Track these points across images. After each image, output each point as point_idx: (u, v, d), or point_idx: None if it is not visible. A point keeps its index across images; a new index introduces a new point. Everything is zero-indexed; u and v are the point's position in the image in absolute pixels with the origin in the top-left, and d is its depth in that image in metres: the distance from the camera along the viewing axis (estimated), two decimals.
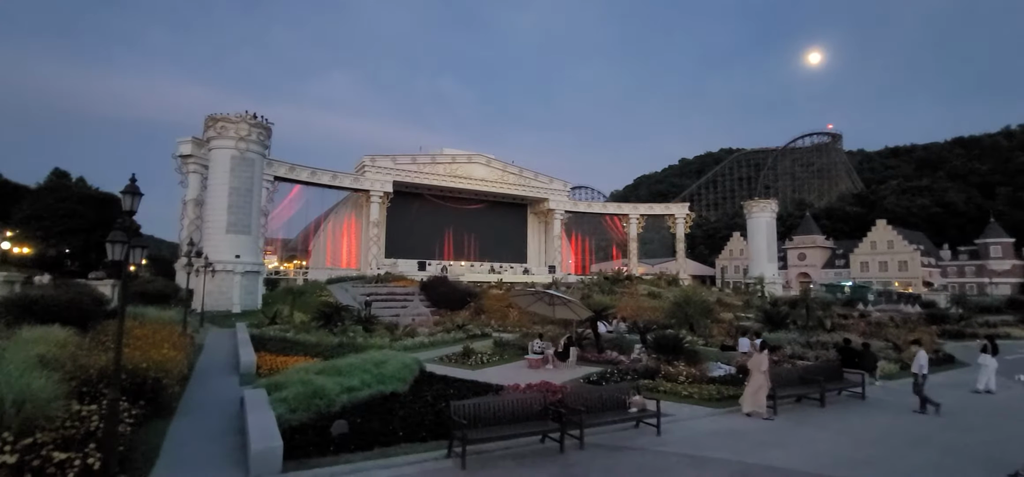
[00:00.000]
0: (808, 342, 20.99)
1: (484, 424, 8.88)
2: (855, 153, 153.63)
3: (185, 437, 9.29)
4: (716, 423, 11.35)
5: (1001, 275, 75.98)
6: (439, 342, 23.37)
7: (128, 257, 7.45)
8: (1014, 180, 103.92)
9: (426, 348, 21.61)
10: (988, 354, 15.35)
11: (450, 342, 23.40)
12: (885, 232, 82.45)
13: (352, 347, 18.10)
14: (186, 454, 8.46)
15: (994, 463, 8.83)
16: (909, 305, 50.15)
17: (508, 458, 8.76)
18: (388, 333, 23.76)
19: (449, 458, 8.52)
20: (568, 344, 18.89)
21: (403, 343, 21.39)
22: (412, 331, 25.19)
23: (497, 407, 9.28)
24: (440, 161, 55.93)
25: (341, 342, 19.40)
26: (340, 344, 19.02)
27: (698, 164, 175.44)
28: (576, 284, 48.37)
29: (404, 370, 12.77)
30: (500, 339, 23.15)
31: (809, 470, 8.42)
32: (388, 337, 22.46)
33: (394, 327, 25.87)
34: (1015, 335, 29.69)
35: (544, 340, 19.36)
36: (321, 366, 12.61)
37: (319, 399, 9.94)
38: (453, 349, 20.91)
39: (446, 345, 22.75)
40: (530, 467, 8.37)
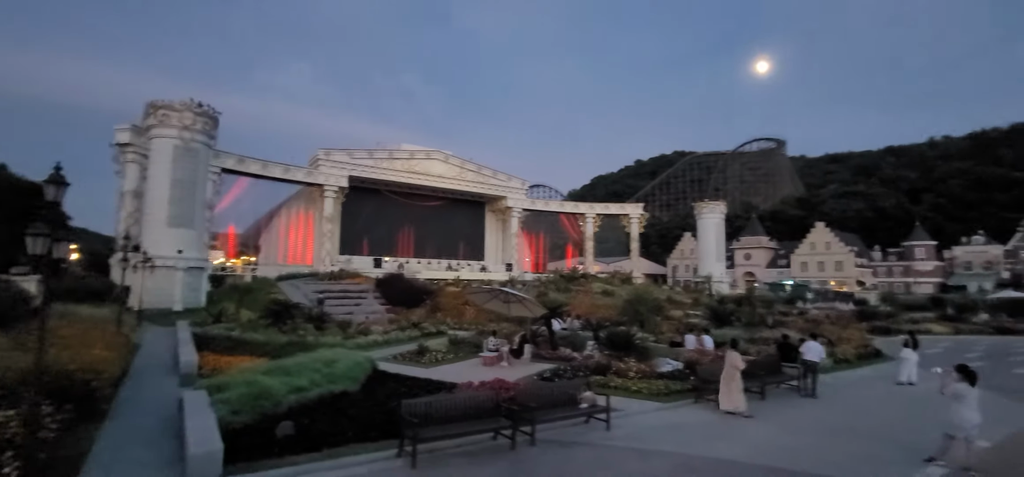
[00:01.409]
0: (751, 338, 22.01)
1: (436, 422, 8.84)
2: (798, 159, 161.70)
3: (117, 442, 8.79)
4: (663, 417, 11.74)
5: (924, 275, 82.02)
6: (393, 340, 23.05)
7: (51, 251, 6.97)
8: (937, 188, 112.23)
9: (380, 346, 21.29)
10: (910, 348, 16.57)
11: (405, 340, 23.13)
12: (823, 234, 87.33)
13: (302, 346, 17.60)
14: (117, 460, 8.00)
15: (913, 449, 9.57)
16: (843, 303, 53.38)
17: (460, 456, 8.77)
18: (341, 331, 23.24)
19: (400, 457, 8.44)
20: (523, 342, 19.06)
21: (356, 341, 20.97)
22: (366, 329, 24.73)
23: (449, 405, 9.27)
24: (398, 157, 55.08)
25: (291, 341, 18.83)
26: (289, 343, 18.45)
27: (653, 166, 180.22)
28: (532, 282, 48.78)
29: (356, 369, 12.54)
30: (455, 337, 23.08)
31: (748, 460, 8.85)
32: (340, 335, 21.98)
33: (347, 325, 25.32)
34: (935, 331, 32.16)
35: (499, 338, 19.44)
36: (268, 366, 12.19)
37: (265, 400, 9.62)
38: (407, 347, 20.68)
39: (400, 343, 22.47)
40: (481, 464, 8.41)
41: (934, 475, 8.28)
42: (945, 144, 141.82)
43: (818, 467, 8.54)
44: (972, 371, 8.90)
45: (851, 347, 21.08)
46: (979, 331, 33.53)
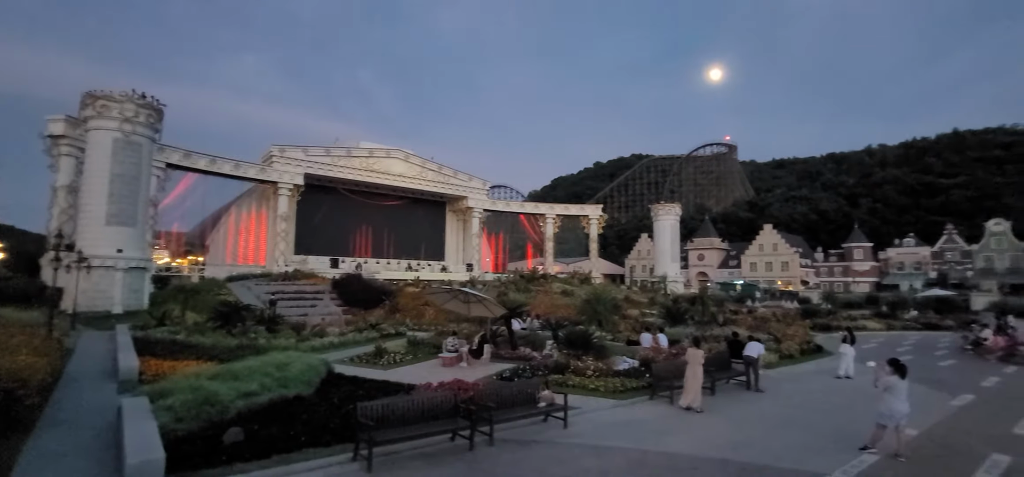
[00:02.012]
0: (703, 335, 22.76)
1: (393, 425, 8.72)
2: (748, 163, 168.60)
3: (46, 454, 8.23)
4: (619, 414, 12.00)
5: (862, 275, 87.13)
6: (350, 342, 22.57)
7: None
8: (873, 193, 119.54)
9: (336, 348, 20.80)
10: (848, 344, 17.58)
11: (362, 342, 22.68)
12: (771, 236, 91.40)
13: (253, 349, 16.98)
14: (46, 474, 7.50)
15: (849, 438, 10.16)
16: (789, 301, 56.05)
17: (417, 458, 8.68)
18: (294, 333, 22.55)
19: (355, 461, 8.28)
20: (482, 342, 19.04)
21: (311, 344, 20.41)
22: (321, 331, 24.11)
23: (407, 407, 9.16)
24: (356, 155, 53.97)
25: (240, 344, 18.13)
26: (239, 346, 17.77)
27: (612, 168, 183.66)
28: (493, 282, 48.82)
29: (310, 372, 12.20)
30: (414, 338, 22.83)
31: (698, 453, 9.17)
32: (294, 338, 21.32)
33: (301, 327, 24.60)
34: (870, 327, 34.22)
35: (458, 338, 19.37)
36: (216, 370, 11.71)
37: (211, 406, 9.23)
38: (365, 349, 20.29)
39: (358, 345, 22.02)
40: (438, 466, 8.36)
41: (867, 462, 8.81)
42: (881, 152, 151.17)
43: (763, 457, 8.94)
44: (902, 364, 9.55)
45: (795, 343, 22.18)
46: (909, 327, 35.94)
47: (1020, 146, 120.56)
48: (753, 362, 15.23)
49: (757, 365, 15.31)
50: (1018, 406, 13.25)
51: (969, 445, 9.87)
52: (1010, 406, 13.33)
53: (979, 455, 9.20)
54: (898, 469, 8.54)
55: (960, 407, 13.30)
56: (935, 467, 8.60)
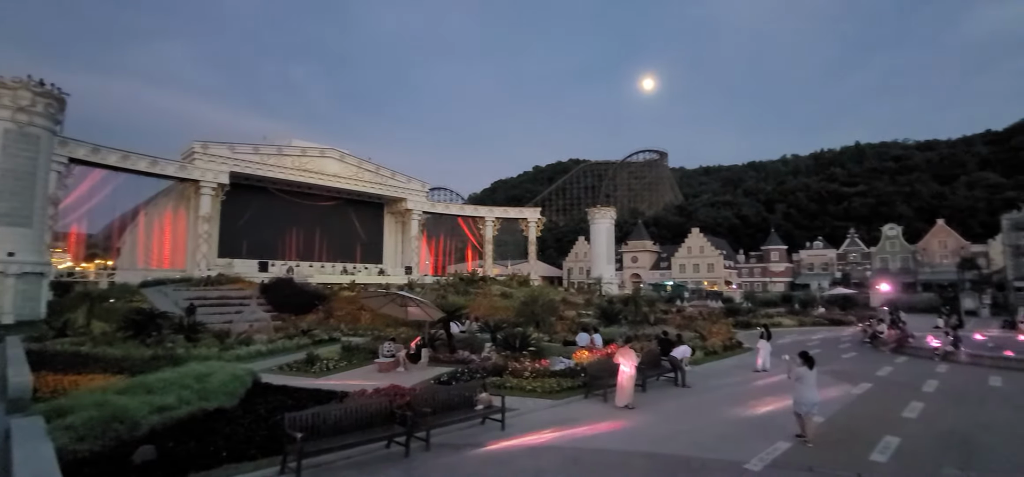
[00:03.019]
0: (635, 334, 23.69)
1: (324, 434, 8.43)
2: (677, 170, 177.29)
3: None
4: (555, 413, 12.23)
5: (778, 275, 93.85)
6: (279, 349, 21.54)
7: None
8: (787, 199, 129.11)
9: (263, 357, 19.77)
10: (764, 339, 18.92)
11: (292, 349, 21.72)
12: (698, 239, 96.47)
13: (170, 360, 15.81)
14: None
15: (765, 427, 10.95)
16: (714, 301, 59.42)
17: (350, 468, 8.44)
18: (217, 342, 21.21)
19: (283, 474, 7.93)
20: (420, 346, 18.79)
21: (235, 353, 19.26)
22: (247, 339, 22.82)
23: (339, 415, 8.89)
24: (288, 153, 51.50)
25: (156, 354, 16.81)
26: (154, 357, 16.48)
27: (550, 172, 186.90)
28: (432, 285, 48.26)
29: (233, 382, 11.53)
30: (349, 343, 22.14)
31: (630, 448, 9.54)
32: (217, 346, 20.05)
33: (225, 335, 23.17)
34: (785, 324, 36.97)
35: (395, 343, 19.00)
36: (126, 384, 10.82)
37: (120, 423, 8.50)
38: (295, 356, 19.46)
39: (288, 352, 21.07)
40: (372, 474, 8.17)
41: (780, 448, 9.51)
42: (794, 161, 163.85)
43: (688, 449, 9.44)
44: (811, 357, 10.45)
45: (719, 340, 23.58)
46: (817, 323, 39.18)
47: (909, 159, 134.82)
48: (677, 363, 16.06)
49: (681, 365, 16.12)
50: (907, 392, 14.80)
51: (866, 429, 10.91)
52: (900, 393, 14.85)
53: (874, 438, 10.18)
54: (806, 453, 9.30)
55: (859, 395, 14.67)
56: (837, 451, 9.44)
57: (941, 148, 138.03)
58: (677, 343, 17.97)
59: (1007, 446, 9.83)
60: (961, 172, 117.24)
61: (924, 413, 12.43)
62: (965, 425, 11.31)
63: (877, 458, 9.07)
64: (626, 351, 13.32)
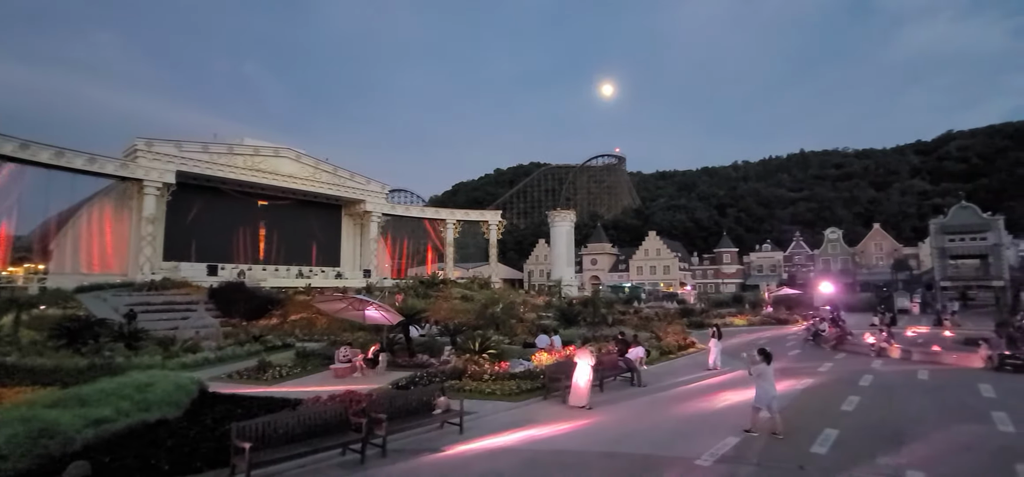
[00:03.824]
0: (594, 335, 24.09)
1: (275, 444, 8.17)
2: (635, 174, 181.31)
3: None
4: (514, 416, 12.29)
5: (729, 277, 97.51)
6: (229, 357, 20.70)
7: None
8: (738, 203, 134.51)
9: (212, 365, 18.97)
10: (716, 339, 19.61)
11: (243, 356, 20.91)
12: (655, 242, 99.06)
13: (107, 369, 14.92)
14: None
15: (716, 423, 11.36)
16: (670, 302, 61.09)
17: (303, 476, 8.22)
18: (161, 350, 20.16)
19: None
20: (379, 350, 18.49)
21: (181, 361, 18.39)
22: (194, 346, 21.81)
23: (292, 423, 8.63)
24: (240, 152, 49.51)
25: (91, 364, 15.83)
26: (90, 366, 15.51)
27: (511, 174, 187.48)
28: (392, 288, 47.50)
29: (177, 392, 11.00)
30: (304, 349, 21.51)
31: (587, 448, 9.69)
32: (161, 354, 19.06)
33: (170, 342, 22.04)
34: (735, 323, 38.44)
35: (352, 347, 18.61)
36: (57, 396, 10.13)
37: (50, 438, 7.95)
38: (246, 364, 18.77)
39: (238, 360, 20.29)
40: None
41: (730, 443, 9.89)
42: (744, 167, 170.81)
43: (644, 447, 9.69)
44: (769, 353, 10.94)
45: (674, 340, 24.29)
46: (765, 322, 40.92)
47: (848, 167, 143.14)
48: (632, 365, 16.51)
49: (635, 367, 16.54)
50: (845, 387, 15.68)
51: (808, 423, 11.48)
52: (839, 387, 15.72)
53: (816, 430, 10.73)
54: (753, 446, 9.71)
55: (802, 390, 15.43)
56: (783, 444, 9.89)
57: (877, 156, 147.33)
58: (633, 344, 18.40)
59: (930, 434, 10.57)
60: (895, 179, 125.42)
61: (860, 406, 13.21)
62: (895, 416, 12.08)
63: (817, 450, 9.56)
64: (584, 352, 13.53)
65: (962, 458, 9.12)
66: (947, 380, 16.71)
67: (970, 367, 18.86)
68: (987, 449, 9.66)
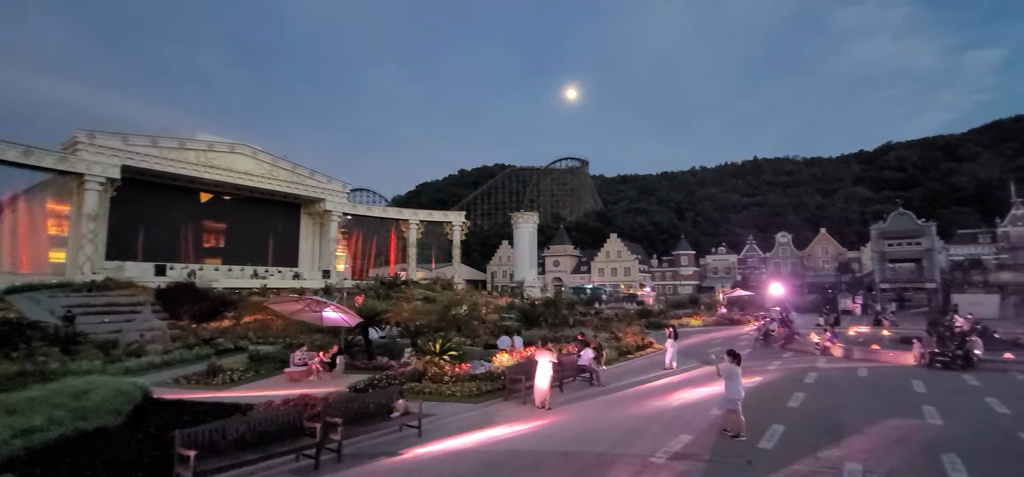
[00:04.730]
0: (555, 336, 24.31)
1: (224, 451, 7.89)
2: (597, 177, 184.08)
3: None
4: (474, 417, 12.28)
5: (687, 279, 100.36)
6: (177, 361, 19.85)
7: None
8: (696, 207, 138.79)
9: (158, 369, 18.15)
10: (672, 339, 20.16)
11: (192, 360, 20.11)
12: (616, 244, 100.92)
13: (40, 375, 14.03)
14: None
15: (670, 421, 11.67)
16: (630, 303, 62.36)
17: None
18: (102, 354, 19.11)
19: None
20: (336, 353, 18.10)
21: (124, 365, 17.52)
22: (139, 349, 20.77)
23: (242, 429, 8.35)
24: (192, 147, 47.41)
25: (22, 370, 14.83)
26: (21, 373, 14.53)
27: (475, 176, 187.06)
28: (352, 289, 46.56)
29: (118, 398, 10.43)
30: (258, 352, 20.86)
31: (545, 448, 9.79)
32: (102, 359, 18.09)
33: (112, 346, 20.92)
34: (692, 324, 39.61)
35: (308, 350, 18.15)
36: None
37: None
38: (196, 368, 18.05)
39: (187, 364, 19.49)
40: None
41: (683, 440, 10.20)
42: (702, 173, 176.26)
43: (600, 446, 9.86)
44: (738, 354, 11.28)
45: (633, 341, 24.82)
46: (720, 323, 42.38)
47: (798, 174, 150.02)
48: (584, 368, 16.74)
49: (588, 368, 16.77)
50: (792, 384, 16.42)
51: (757, 419, 11.92)
52: (787, 385, 16.46)
53: (764, 426, 11.19)
54: (705, 443, 10.04)
55: (753, 388, 16.02)
56: (733, 440, 10.26)
57: (824, 165, 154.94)
58: (592, 344, 18.71)
59: (868, 428, 11.20)
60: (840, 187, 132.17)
61: (805, 402, 13.87)
62: (837, 412, 12.75)
63: (765, 445, 9.98)
64: (544, 352, 13.64)
65: (895, 450, 9.71)
66: (884, 377, 17.75)
67: (905, 364, 20.10)
68: (917, 441, 10.31)
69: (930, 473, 8.43)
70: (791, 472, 8.43)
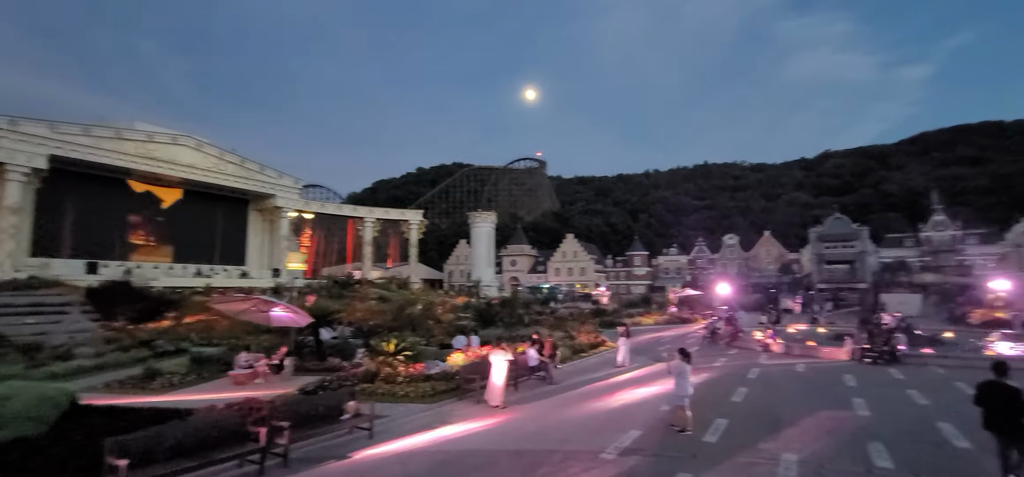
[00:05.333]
0: (511, 336, 24.42)
1: (160, 459, 7.50)
2: (555, 178, 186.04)
3: None
4: (427, 418, 12.18)
5: (640, 278, 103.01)
6: (111, 364, 18.68)
7: None
8: (649, 209, 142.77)
9: (88, 374, 17.03)
10: (624, 338, 20.65)
11: (128, 363, 18.98)
12: (572, 244, 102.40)
13: None
14: None
15: (621, 418, 11.96)
16: (585, 302, 63.38)
17: None
18: (25, 358, 17.75)
19: None
20: (285, 354, 17.52)
21: (49, 370, 16.33)
22: (67, 353, 19.41)
23: (181, 435, 7.96)
24: (129, 137, 44.70)
25: None
26: None
27: (433, 174, 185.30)
28: (304, 288, 45.16)
29: (42, 405, 9.69)
30: (200, 354, 19.85)
31: (497, 447, 9.83)
32: (24, 363, 16.79)
33: (37, 349, 19.46)
34: (644, 323, 40.68)
35: (252, 352, 17.50)
36: None
37: None
38: (131, 371, 17.04)
39: (122, 367, 18.37)
40: None
41: (632, 436, 10.48)
42: (655, 175, 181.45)
43: (552, 443, 9.99)
44: (688, 353, 11.68)
45: (587, 339, 25.26)
46: (671, 322, 43.74)
47: (744, 179, 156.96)
48: (534, 368, 16.85)
49: (549, 363, 16.98)
50: (736, 380, 17.15)
51: (702, 414, 12.39)
52: (731, 381, 17.17)
53: (708, 421, 11.64)
54: (653, 438, 10.36)
55: (699, 384, 16.61)
56: (679, 435, 10.63)
57: (769, 170, 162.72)
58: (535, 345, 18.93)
59: (803, 420, 11.86)
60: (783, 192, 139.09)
61: (747, 397, 14.53)
62: (776, 406, 13.43)
63: (709, 439, 10.39)
64: (498, 351, 13.69)
65: (827, 440, 10.33)
66: (819, 372, 18.83)
67: (838, 360, 21.38)
68: (847, 431, 11.01)
69: (858, 461, 9.01)
70: (733, 464, 8.82)
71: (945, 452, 9.58)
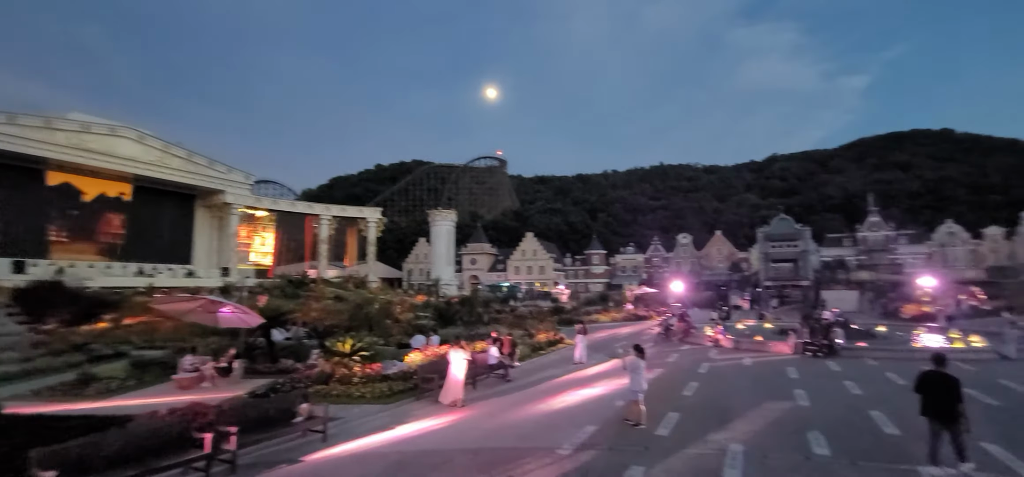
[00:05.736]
0: (470, 334, 24.40)
1: (96, 469, 7.09)
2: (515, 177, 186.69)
3: None
4: (384, 418, 12.01)
5: (598, 277, 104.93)
6: (41, 370, 17.48)
7: None
8: (608, 209, 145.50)
9: (15, 380, 15.88)
10: (581, 335, 21.01)
11: (60, 368, 17.78)
12: (532, 243, 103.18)
13: None
14: None
15: (577, 414, 12.17)
16: (544, 301, 64.00)
17: None
18: None
19: None
20: (234, 356, 16.87)
21: None
22: None
23: (119, 444, 7.55)
24: (61, 128, 41.66)
25: None
26: None
27: (393, 171, 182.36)
28: (255, 287, 43.49)
29: None
30: (141, 358, 18.92)
31: (455, 446, 9.81)
32: None
33: None
34: (601, 320, 41.49)
35: (197, 354, 16.77)
36: None
37: None
38: (63, 377, 15.99)
39: (53, 373, 17.22)
40: None
41: (588, 431, 10.68)
42: (614, 176, 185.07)
43: (510, 441, 10.07)
44: (643, 349, 11.95)
45: (545, 337, 25.53)
46: (627, 319, 44.78)
47: (698, 180, 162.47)
48: (494, 367, 17.00)
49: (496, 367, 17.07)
50: (687, 375, 17.76)
51: (655, 408, 12.76)
52: (682, 375, 17.76)
53: (661, 415, 12.00)
54: (608, 433, 10.59)
55: (653, 379, 17.06)
56: (632, 429, 10.93)
57: (721, 172, 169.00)
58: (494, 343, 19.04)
59: (749, 412, 12.42)
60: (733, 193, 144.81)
61: (698, 391, 15.08)
62: (725, 399, 14.00)
63: (661, 432, 10.73)
64: (457, 349, 13.66)
65: (771, 430, 10.85)
66: (765, 365, 19.73)
67: (782, 354, 22.47)
68: (790, 421, 11.60)
69: (798, 449, 9.51)
70: (684, 456, 9.13)
71: (877, 438, 10.24)
